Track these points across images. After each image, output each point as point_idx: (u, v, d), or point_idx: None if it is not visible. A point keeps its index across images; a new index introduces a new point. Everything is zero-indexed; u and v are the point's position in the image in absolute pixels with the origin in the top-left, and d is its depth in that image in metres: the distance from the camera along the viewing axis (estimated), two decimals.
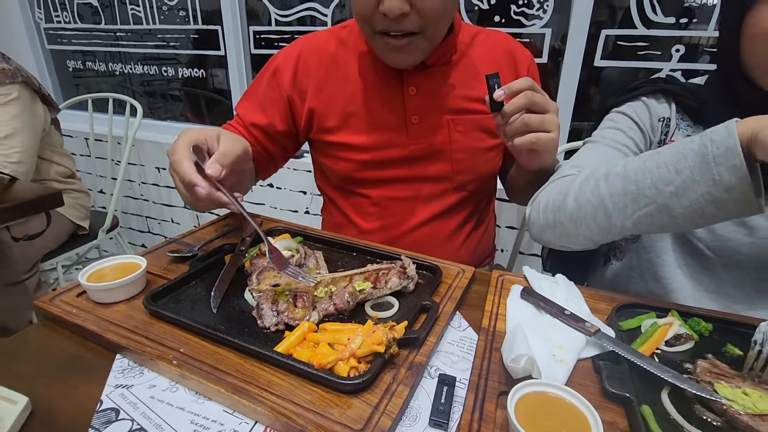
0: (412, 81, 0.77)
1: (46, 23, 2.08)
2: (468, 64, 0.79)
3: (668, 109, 0.69)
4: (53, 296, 0.57)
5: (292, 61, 0.81)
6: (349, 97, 0.79)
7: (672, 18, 1.17)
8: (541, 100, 0.61)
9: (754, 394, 0.39)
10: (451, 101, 0.78)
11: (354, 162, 0.81)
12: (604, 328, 0.50)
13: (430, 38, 0.69)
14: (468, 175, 0.81)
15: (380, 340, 0.45)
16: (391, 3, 0.62)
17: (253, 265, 0.62)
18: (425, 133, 0.78)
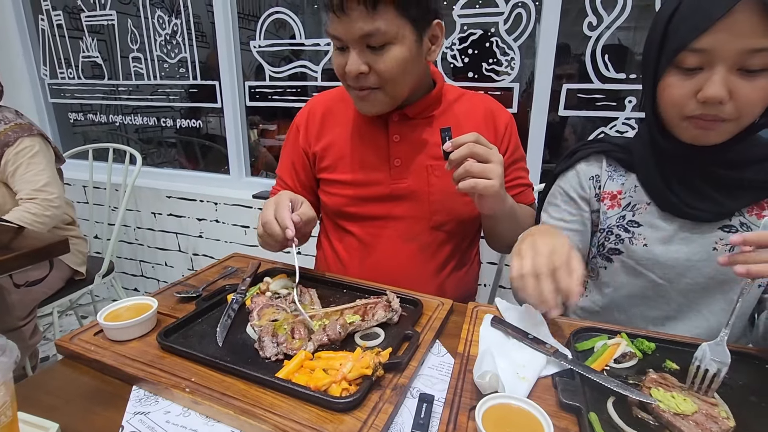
0: (396, 130, 0.88)
1: (51, 79, 2.20)
2: (449, 118, 0.90)
3: (599, 167, 0.80)
4: (72, 336, 0.63)
5: (304, 117, 0.96)
6: (343, 141, 0.91)
7: (623, 74, 1.33)
8: (483, 151, 0.69)
9: (679, 398, 0.47)
10: (430, 149, 0.88)
11: (343, 197, 0.92)
12: (561, 348, 0.58)
13: (390, 94, 0.79)
14: (444, 216, 0.90)
15: (368, 364, 0.52)
16: (350, 66, 0.75)
17: (254, 303, 0.70)
18: (406, 174, 0.88)
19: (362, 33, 0.72)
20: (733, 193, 0.68)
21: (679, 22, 0.60)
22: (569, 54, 1.44)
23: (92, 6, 1.99)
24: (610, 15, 1.30)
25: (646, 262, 0.74)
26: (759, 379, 0.56)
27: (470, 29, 1.45)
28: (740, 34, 0.56)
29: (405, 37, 0.74)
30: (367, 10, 0.70)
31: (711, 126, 0.62)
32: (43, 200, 1.34)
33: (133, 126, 2.21)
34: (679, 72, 0.62)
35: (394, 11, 0.71)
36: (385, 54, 0.74)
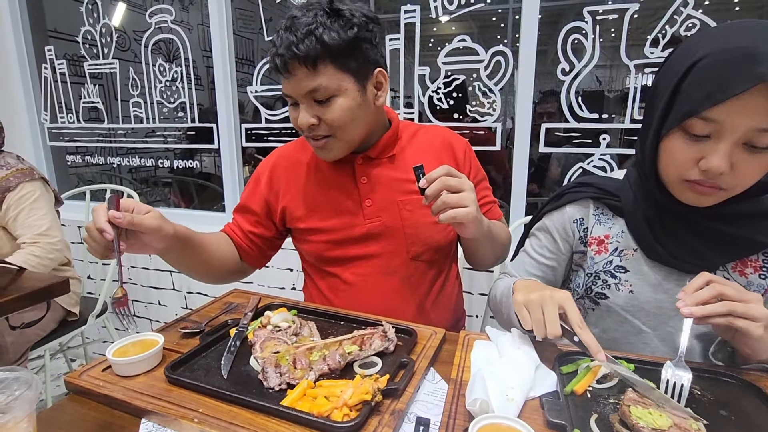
0: (362, 172, 0.93)
1: (51, 123, 2.27)
2: (410, 154, 0.96)
3: (586, 211, 0.82)
4: (81, 372, 0.66)
5: (268, 169, 0.99)
6: (313, 190, 0.95)
7: (596, 114, 1.43)
8: (455, 182, 0.74)
9: (655, 414, 0.51)
10: (398, 186, 0.93)
11: (322, 243, 0.95)
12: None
13: (343, 139, 0.85)
14: (420, 246, 0.94)
15: (367, 390, 0.56)
16: (301, 120, 0.82)
17: (256, 336, 0.73)
18: (378, 213, 0.92)
19: (307, 90, 0.78)
20: (719, 247, 0.70)
21: (693, 86, 0.60)
22: (549, 94, 1.56)
23: (95, 55, 2.09)
24: (581, 61, 1.42)
25: (631, 308, 0.77)
26: (726, 395, 0.61)
27: (454, 74, 1.56)
28: (754, 112, 0.56)
29: (347, 89, 0.81)
30: (308, 69, 0.77)
31: (708, 192, 0.63)
32: (46, 244, 1.38)
33: (127, 167, 2.27)
34: (685, 135, 0.62)
35: (333, 68, 0.78)
36: (331, 106, 0.80)
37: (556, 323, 0.62)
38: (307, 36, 0.75)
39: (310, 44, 0.75)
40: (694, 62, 0.60)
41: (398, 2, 1.60)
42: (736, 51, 0.56)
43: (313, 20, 0.76)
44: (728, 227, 0.69)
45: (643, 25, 1.37)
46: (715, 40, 0.59)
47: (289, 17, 0.78)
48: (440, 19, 1.56)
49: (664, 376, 0.60)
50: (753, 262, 0.72)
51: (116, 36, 2.04)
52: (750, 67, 0.54)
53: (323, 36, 0.75)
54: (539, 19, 1.44)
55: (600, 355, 0.60)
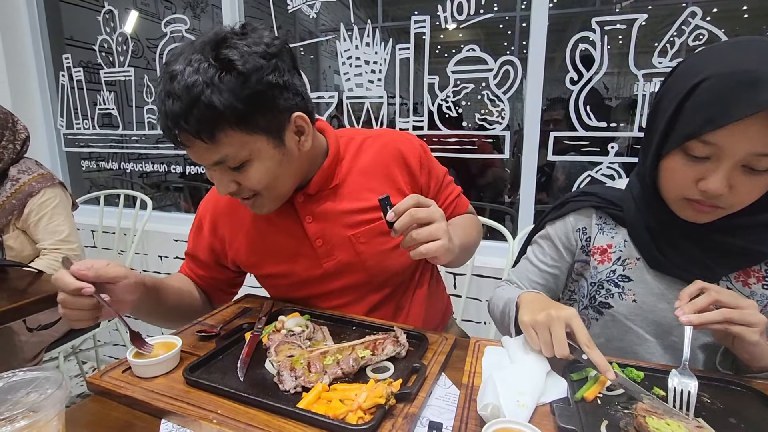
0: (305, 211, 0.85)
1: (67, 129, 2.32)
2: (355, 179, 0.87)
3: (588, 220, 0.83)
4: (102, 373, 0.68)
5: (209, 213, 0.93)
6: (259, 236, 0.89)
7: (604, 123, 1.44)
8: (424, 214, 0.67)
9: (673, 424, 0.52)
10: (346, 219, 0.85)
11: (282, 286, 0.93)
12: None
13: (271, 196, 0.78)
14: (384, 275, 0.90)
15: (381, 394, 0.57)
16: (218, 188, 0.75)
17: (271, 340, 0.74)
18: (332, 251, 0.87)
19: (212, 162, 0.70)
20: (721, 258, 0.70)
21: (695, 108, 0.60)
22: (556, 101, 1.57)
23: (110, 63, 2.14)
24: (590, 70, 1.43)
25: (635, 317, 0.78)
26: (735, 402, 0.61)
27: (462, 84, 1.58)
28: (754, 137, 0.56)
29: (261, 149, 0.71)
30: (206, 143, 0.66)
31: (706, 210, 0.65)
32: (67, 250, 1.40)
33: (138, 171, 2.31)
34: (685, 156, 0.63)
35: (237, 133, 0.67)
36: (247, 172, 0.72)
37: (564, 344, 0.62)
38: (193, 104, 0.62)
39: (198, 114, 0.63)
40: (696, 83, 0.60)
41: (408, 11, 1.63)
42: (740, 75, 0.56)
43: (196, 80, 0.62)
44: (730, 238, 0.69)
45: (651, 33, 1.38)
46: (719, 62, 0.60)
47: (168, 76, 0.64)
48: (448, 27, 1.58)
49: (671, 384, 0.61)
50: (756, 273, 0.73)
51: (131, 44, 2.08)
52: (753, 94, 0.54)
53: (212, 100, 0.63)
54: (547, 27, 1.45)
55: (609, 374, 0.60)
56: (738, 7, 1.48)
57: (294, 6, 1.77)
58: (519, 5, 1.57)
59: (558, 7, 1.50)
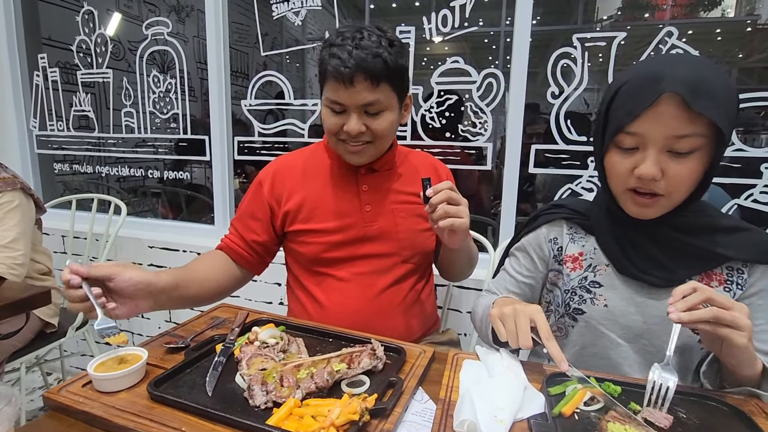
0: (364, 181, 1.02)
1: (40, 131, 2.24)
2: (406, 170, 1.07)
3: (558, 230, 0.88)
4: (60, 387, 0.64)
5: (270, 175, 1.05)
6: (316, 194, 1.02)
7: (584, 137, 1.47)
8: (456, 196, 0.83)
9: (631, 430, 0.52)
10: (394, 195, 1.03)
11: (320, 244, 1.01)
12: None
13: (378, 147, 0.95)
14: (411, 250, 1.03)
15: (355, 410, 0.55)
16: (351, 127, 0.89)
17: (243, 353, 0.72)
18: (376, 218, 1.01)
19: (365, 101, 0.87)
20: (684, 260, 0.75)
21: (617, 106, 0.70)
22: (538, 113, 1.59)
23: (89, 64, 2.09)
24: (570, 85, 1.46)
25: (607, 322, 0.80)
26: (711, 418, 0.61)
27: (446, 94, 1.59)
28: (666, 122, 0.65)
29: (394, 106, 0.92)
30: (372, 84, 0.86)
31: (648, 203, 0.70)
32: (6, 257, 1.31)
33: (115, 176, 2.24)
34: (620, 150, 0.71)
35: (389, 87, 0.89)
36: (381, 118, 0.91)
37: (527, 335, 0.66)
38: (375, 57, 0.85)
39: (377, 64, 0.85)
40: (618, 88, 0.70)
41: (393, 23, 1.63)
42: (647, 75, 0.67)
43: (378, 44, 0.86)
44: (691, 239, 0.74)
45: (630, 51, 1.42)
46: (632, 70, 0.71)
47: (353, 36, 0.87)
48: (434, 40, 1.59)
49: (651, 377, 0.62)
50: (717, 275, 0.76)
51: (111, 46, 2.04)
52: (655, 85, 0.64)
53: (387, 59, 0.86)
54: (530, 42, 1.48)
55: (563, 365, 0.64)
56: (711, 30, 1.53)
57: (278, 13, 1.76)
58: (504, 21, 1.59)
59: (541, 24, 1.53)
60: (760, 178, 1.33)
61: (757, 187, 1.34)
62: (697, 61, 0.68)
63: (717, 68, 0.66)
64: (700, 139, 0.65)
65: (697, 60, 0.69)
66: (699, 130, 0.64)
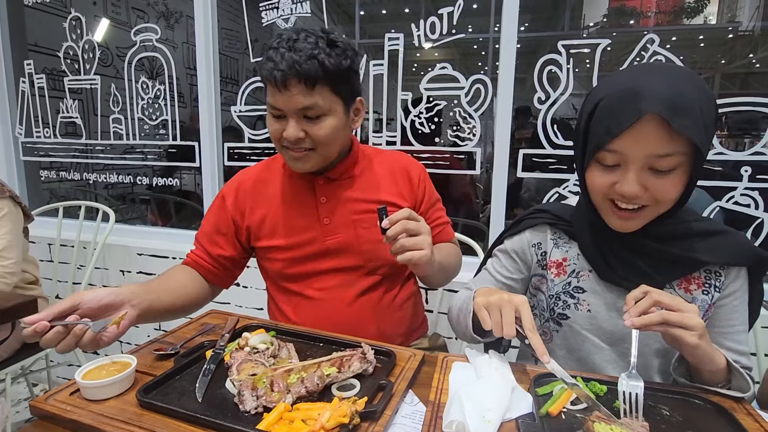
0: (322, 192, 0.98)
1: (26, 137, 2.21)
2: (368, 176, 1.02)
3: (542, 235, 0.88)
4: (47, 396, 0.63)
5: (233, 189, 1.03)
6: (275, 210, 0.99)
7: (570, 141, 1.49)
8: (414, 225, 0.79)
9: (616, 429, 0.53)
10: (355, 205, 0.98)
11: (282, 260, 0.99)
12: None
13: (322, 154, 0.91)
14: (376, 262, 0.99)
15: (345, 413, 0.56)
16: (289, 133, 0.86)
17: (233, 358, 0.72)
18: (335, 230, 0.97)
19: (301, 106, 0.84)
20: (662, 267, 0.75)
21: (597, 123, 0.68)
22: (526, 118, 1.62)
23: (76, 70, 2.07)
24: (556, 91, 1.48)
25: (590, 327, 0.81)
26: (693, 414, 0.63)
27: (435, 100, 1.61)
28: (646, 141, 0.64)
29: (336, 110, 0.88)
30: (306, 87, 0.83)
31: (629, 216, 0.70)
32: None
33: (103, 183, 2.22)
34: (600, 167, 0.70)
35: (328, 90, 0.85)
36: (320, 123, 0.87)
37: (511, 325, 0.66)
38: (310, 58, 0.82)
39: (311, 66, 0.82)
40: (596, 103, 0.69)
41: (383, 29, 1.65)
42: (624, 91, 0.65)
43: (315, 46, 0.83)
44: (668, 247, 0.74)
45: (615, 58, 1.45)
46: (609, 84, 0.69)
47: (288, 38, 0.84)
48: (423, 46, 1.61)
49: (620, 388, 0.63)
50: (696, 279, 0.77)
51: (99, 52, 2.03)
52: (634, 104, 0.63)
53: (324, 61, 0.82)
54: (517, 49, 1.50)
55: (545, 357, 0.65)
56: (695, 36, 1.57)
57: (268, 20, 1.77)
58: (492, 27, 1.62)
59: (529, 30, 1.55)
60: (741, 180, 1.36)
61: (737, 189, 1.37)
62: (674, 72, 0.66)
63: (694, 78, 0.66)
64: (680, 156, 0.65)
65: (674, 71, 0.67)
66: (679, 148, 0.64)
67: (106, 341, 0.72)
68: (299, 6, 1.72)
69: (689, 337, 0.61)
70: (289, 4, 1.72)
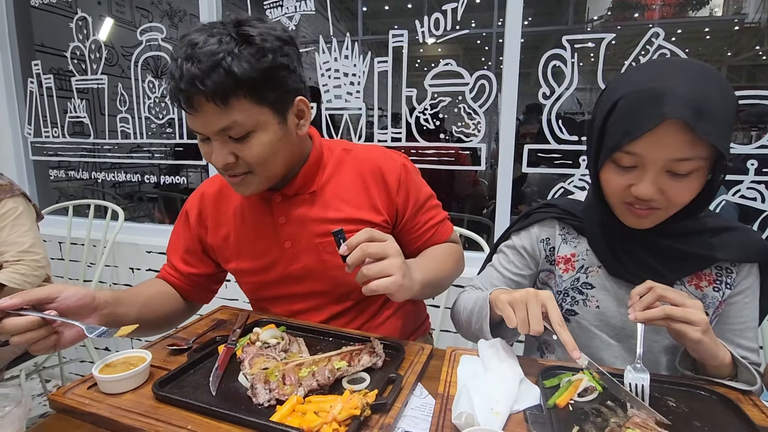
0: (280, 211, 0.87)
1: (35, 137, 2.24)
2: (333, 188, 0.88)
3: (551, 230, 0.87)
4: (66, 390, 0.65)
5: (195, 204, 0.95)
6: (236, 230, 0.91)
7: (575, 136, 1.49)
8: (376, 248, 0.68)
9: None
10: (317, 226, 0.86)
11: (248, 283, 0.95)
12: None
13: (263, 175, 0.78)
14: (346, 287, 0.89)
15: (356, 405, 0.57)
16: (215, 158, 0.74)
17: (245, 353, 0.73)
18: (298, 255, 0.88)
19: (219, 128, 0.70)
20: (673, 263, 0.75)
21: (614, 123, 0.66)
22: (537, 115, 1.62)
23: (83, 70, 2.09)
24: (561, 86, 1.48)
25: (599, 323, 0.81)
26: (700, 406, 0.64)
27: (440, 97, 1.61)
28: (666, 145, 0.62)
29: (266, 122, 0.73)
30: (218, 106, 0.68)
31: (644, 215, 0.69)
32: (30, 261, 1.35)
33: (111, 181, 2.25)
34: (616, 167, 0.69)
35: (248, 102, 0.70)
36: (249, 142, 0.73)
37: (539, 320, 0.65)
38: (213, 68, 0.66)
39: (217, 78, 0.66)
40: (614, 102, 0.66)
41: (385, 25, 1.65)
42: (645, 92, 0.63)
43: (218, 48, 0.66)
44: (679, 244, 0.74)
45: (619, 52, 1.45)
46: (629, 82, 0.66)
47: (188, 43, 0.68)
48: (427, 42, 1.61)
49: (626, 380, 0.64)
50: (707, 276, 0.77)
51: (105, 52, 2.04)
52: (656, 106, 0.60)
53: (232, 67, 0.66)
54: (521, 44, 1.50)
55: (575, 353, 0.64)
56: (700, 29, 1.56)
57: (273, 18, 1.77)
58: (495, 22, 1.62)
59: (532, 25, 1.55)
60: (747, 174, 1.36)
61: (743, 182, 1.37)
62: (698, 72, 0.63)
63: (717, 78, 0.63)
64: (700, 161, 0.63)
65: (698, 71, 0.63)
66: (700, 152, 0.62)
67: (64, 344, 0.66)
68: (303, 3, 1.72)
69: (692, 332, 0.62)
70: (293, 2, 1.73)
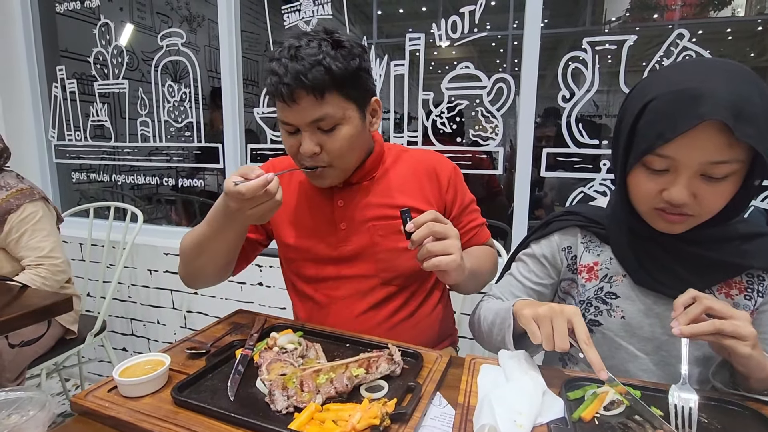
0: (340, 196, 0.94)
1: (58, 141, 2.29)
2: (390, 179, 0.96)
3: (572, 238, 0.84)
4: (87, 393, 0.65)
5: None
6: (296, 207, 0.98)
7: (596, 140, 1.46)
8: (441, 228, 0.74)
9: None
10: (372, 210, 0.93)
11: (294, 260, 0.99)
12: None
13: (339, 168, 0.87)
14: (392, 272, 0.94)
15: (376, 414, 0.56)
16: (304, 148, 0.82)
17: (262, 358, 0.73)
18: (351, 237, 0.94)
19: (313, 118, 0.79)
20: (702, 271, 0.72)
21: (647, 125, 0.64)
22: (555, 119, 1.59)
23: (105, 75, 2.14)
24: (581, 89, 1.46)
25: (624, 334, 0.78)
26: (733, 422, 0.61)
27: (457, 100, 1.60)
28: (702, 147, 0.59)
29: (351, 117, 0.83)
30: (316, 98, 0.78)
31: (676, 220, 0.67)
32: (50, 265, 1.38)
33: (130, 184, 2.29)
34: (647, 170, 0.66)
35: (339, 97, 0.80)
36: (336, 134, 0.82)
37: (565, 337, 0.63)
38: (314, 66, 0.76)
39: (317, 74, 0.76)
40: (645, 103, 0.64)
41: (403, 29, 1.65)
42: (681, 92, 0.60)
43: (318, 51, 0.77)
44: (707, 252, 0.71)
45: (640, 53, 1.41)
46: (662, 82, 0.64)
47: (291, 46, 0.79)
48: (442, 45, 1.60)
49: (671, 401, 0.60)
50: (737, 284, 0.74)
51: (126, 57, 2.08)
52: (694, 107, 0.58)
53: (330, 66, 0.77)
54: (539, 46, 1.48)
55: (603, 374, 0.61)
56: (722, 29, 1.52)
57: (290, 22, 1.78)
58: (511, 24, 1.60)
59: (549, 26, 1.53)
60: None
61: None
62: (735, 73, 0.60)
63: (756, 79, 0.60)
64: (737, 164, 0.61)
65: (735, 71, 0.60)
66: (738, 155, 0.60)
67: None
68: (321, 8, 1.73)
69: (742, 347, 0.59)
70: (311, 6, 1.74)
